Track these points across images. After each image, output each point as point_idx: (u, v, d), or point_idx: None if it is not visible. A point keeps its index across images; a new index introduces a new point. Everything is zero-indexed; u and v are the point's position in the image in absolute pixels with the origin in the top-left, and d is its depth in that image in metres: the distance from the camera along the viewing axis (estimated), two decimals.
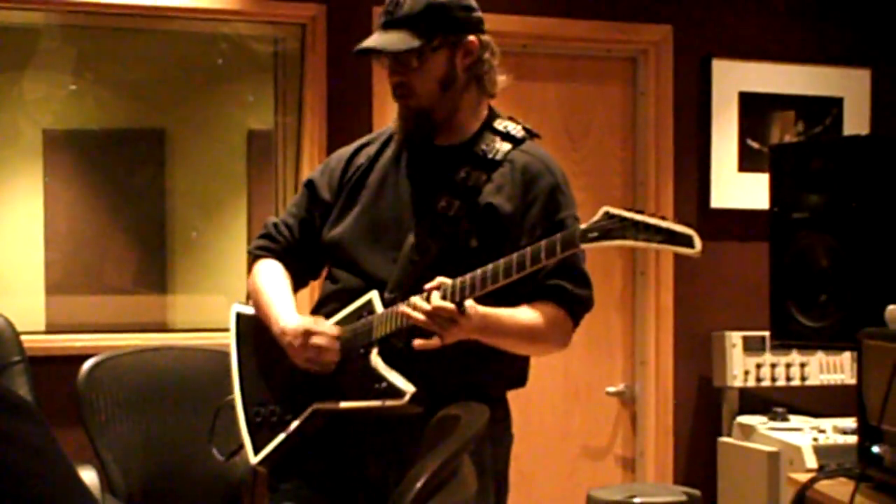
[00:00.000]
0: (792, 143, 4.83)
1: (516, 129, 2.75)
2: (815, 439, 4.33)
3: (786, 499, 4.00)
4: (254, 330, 2.81)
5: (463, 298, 2.46)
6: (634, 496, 4.23)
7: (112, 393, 3.62)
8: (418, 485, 2.10)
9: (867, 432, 2.79)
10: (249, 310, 2.87)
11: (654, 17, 4.91)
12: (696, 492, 4.38)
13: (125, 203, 5.02)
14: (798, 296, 3.64)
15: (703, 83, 4.95)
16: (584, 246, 2.36)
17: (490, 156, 2.69)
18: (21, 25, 4.66)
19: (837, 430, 4.40)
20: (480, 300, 2.50)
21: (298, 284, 2.93)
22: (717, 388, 4.84)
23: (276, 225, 2.89)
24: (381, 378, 2.53)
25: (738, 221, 4.95)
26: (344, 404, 2.59)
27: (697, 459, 4.92)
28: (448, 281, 2.49)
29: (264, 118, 5.03)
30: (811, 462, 4.20)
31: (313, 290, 3.97)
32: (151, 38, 4.82)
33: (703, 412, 4.93)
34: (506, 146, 2.71)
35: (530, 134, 2.77)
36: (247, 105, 5.41)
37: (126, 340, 4.21)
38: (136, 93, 4.91)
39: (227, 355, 2.86)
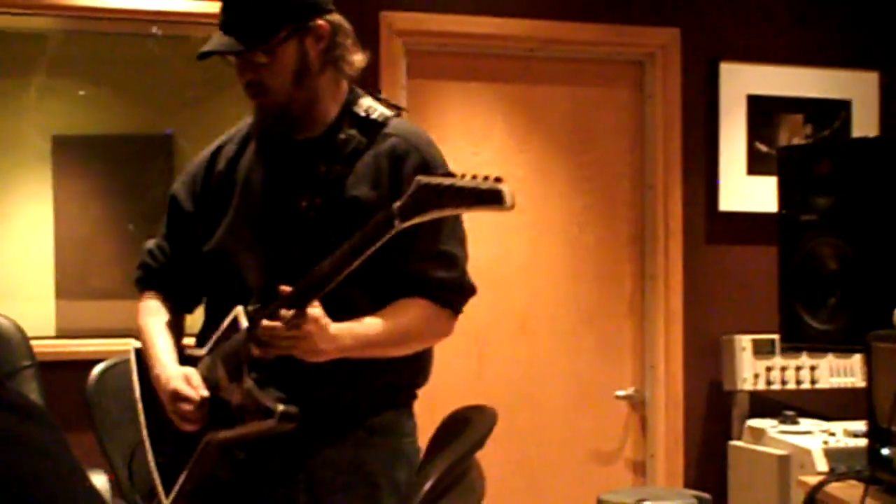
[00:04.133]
0: (799, 145, 4.81)
1: (377, 112, 2.54)
2: (826, 442, 4.32)
3: (796, 502, 4.00)
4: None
5: (305, 304, 2.28)
6: (645, 500, 4.22)
7: (122, 397, 3.62)
8: (426, 486, 2.10)
9: (877, 435, 2.78)
10: None
11: (661, 20, 4.91)
12: (707, 495, 4.37)
13: (134, 208, 5.01)
14: (807, 299, 3.63)
15: (711, 86, 4.95)
16: (405, 223, 2.17)
17: (351, 146, 2.50)
18: (29, 30, 4.67)
19: (848, 433, 4.39)
20: (356, 304, 2.39)
21: (189, 304, 2.78)
22: (727, 391, 4.83)
23: (150, 251, 2.74)
24: (255, 401, 2.37)
25: (747, 224, 4.94)
26: (224, 434, 2.46)
27: (708, 463, 4.91)
28: (289, 289, 2.31)
29: None
30: (822, 465, 4.19)
31: None
32: (160, 43, 4.82)
33: (714, 416, 4.92)
34: (367, 133, 2.51)
35: (395, 109, 2.57)
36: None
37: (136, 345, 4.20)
38: (144, 98, 4.91)
39: None
